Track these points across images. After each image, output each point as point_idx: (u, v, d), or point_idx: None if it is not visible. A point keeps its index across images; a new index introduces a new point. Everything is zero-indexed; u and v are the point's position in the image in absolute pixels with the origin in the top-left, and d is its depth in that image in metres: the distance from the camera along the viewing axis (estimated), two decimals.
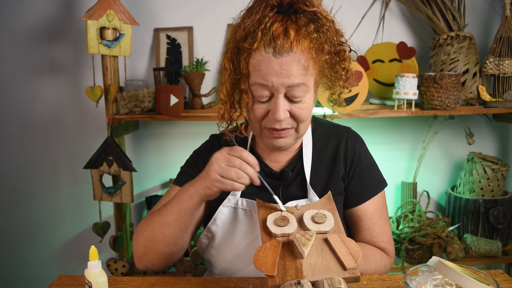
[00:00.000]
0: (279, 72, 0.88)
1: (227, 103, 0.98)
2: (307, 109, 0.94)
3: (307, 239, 0.81)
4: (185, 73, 1.86)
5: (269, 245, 0.83)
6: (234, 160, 0.87)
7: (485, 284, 0.76)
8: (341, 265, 0.78)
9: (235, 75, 0.94)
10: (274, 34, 0.87)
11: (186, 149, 1.25)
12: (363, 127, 2.01)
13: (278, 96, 0.91)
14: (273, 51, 0.87)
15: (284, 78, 0.88)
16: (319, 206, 0.92)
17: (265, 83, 0.90)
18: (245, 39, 0.90)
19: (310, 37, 0.89)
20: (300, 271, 0.77)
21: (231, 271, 1.05)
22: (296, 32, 0.88)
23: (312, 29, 0.89)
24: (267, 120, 0.95)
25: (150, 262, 1.01)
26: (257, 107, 0.94)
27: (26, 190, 2.13)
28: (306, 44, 0.89)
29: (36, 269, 2.18)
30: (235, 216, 1.05)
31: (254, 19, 0.89)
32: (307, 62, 0.89)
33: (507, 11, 1.84)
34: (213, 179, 0.88)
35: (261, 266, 0.77)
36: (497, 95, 1.88)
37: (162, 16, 1.99)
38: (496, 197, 1.93)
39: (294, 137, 1.00)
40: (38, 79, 2.04)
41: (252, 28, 0.89)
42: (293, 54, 0.88)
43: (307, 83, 0.91)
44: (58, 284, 0.98)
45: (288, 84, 0.89)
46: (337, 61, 0.95)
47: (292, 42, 0.87)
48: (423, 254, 1.85)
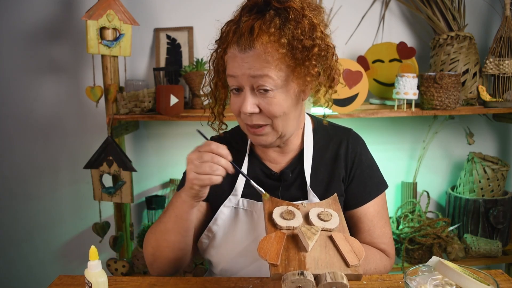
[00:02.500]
0: (242, 64, 0.93)
1: (213, 99, 1.06)
2: (278, 105, 0.94)
3: (312, 233, 0.81)
4: (185, 73, 1.86)
5: (274, 235, 0.83)
6: (205, 155, 0.89)
7: (485, 284, 0.76)
8: (344, 262, 0.78)
9: (215, 72, 1.03)
10: (241, 32, 0.92)
11: (186, 149, 1.25)
12: (363, 127, 2.01)
13: (245, 88, 0.95)
14: (238, 47, 0.93)
15: (245, 69, 0.93)
16: (325, 206, 0.92)
17: (232, 74, 0.95)
18: (222, 39, 0.98)
19: (269, 32, 0.91)
20: (303, 263, 0.77)
21: (231, 271, 1.05)
22: (259, 28, 0.91)
23: (275, 24, 0.91)
24: (242, 115, 0.98)
25: (160, 268, 1.04)
26: (232, 100, 0.99)
27: (26, 190, 2.13)
28: (265, 39, 0.91)
29: (36, 269, 2.18)
30: (236, 216, 1.05)
31: (233, 21, 0.96)
32: (268, 56, 0.91)
33: (507, 11, 1.84)
34: (191, 178, 0.90)
35: (265, 254, 0.78)
36: (497, 95, 1.88)
37: (162, 16, 1.98)
38: (496, 197, 1.93)
39: (274, 136, 0.99)
40: (38, 79, 2.04)
41: (228, 29, 0.96)
42: (254, 50, 0.91)
43: (271, 76, 0.92)
44: (58, 284, 0.98)
45: (249, 74, 0.92)
46: (305, 56, 0.92)
47: (254, 39, 0.91)
48: (423, 254, 1.86)
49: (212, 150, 0.89)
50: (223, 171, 0.90)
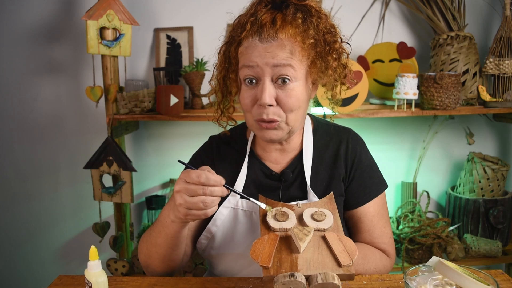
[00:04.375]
0: (264, 54, 0.91)
1: (220, 93, 1.03)
2: (296, 98, 0.94)
3: (304, 234, 0.81)
4: (185, 73, 1.86)
5: (267, 238, 0.83)
6: (195, 190, 0.82)
7: (485, 284, 0.76)
8: (337, 262, 0.78)
9: (225, 64, 0.98)
10: (262, 23, 0.91)
11: (186, 149, 1.25)
12: (363, 127, 2.01)
13: (265, 79, 0.92)
14: (259, 37, 0.91)
15: (268, 58, 0.91)
16: (320, 205, 0.92)
17: (250, 64, 0.92)
18: (236, 31, 0.95)
19: (296, 23, 0.91)
20: (295, 265, 0.77)
21: (231, 272, 1.05)
22: (282, 20, 0.90)
23: (299, 17, 0.92)
24: (255, 110, 0.95)
25: (154, 272, 1.04)
26: (244, 92, 0.96)
27: (26, 190, 2.13)
28: (292, 31, 0.91)
29: (36, 269, 2.18)
30: (235, 217, 1.05)
31: (248, 14, 0.94)
32: (293, 47, 0.91)
33: (507, 11, 1.84)
34: (183, 214, 0.85)
35: (256, 257, 0.78)
36: (497, 95, 1.88)
37: (162, 16, 1.99)
38: (496, 197, 1.93)
39: (285, 130, 0.98)
40: (38, 79, 2.04)
41: (244, 21, 0.94)
42: (279, 40, 0.90)
43: (294, 66, 0.92)
44: (58, 284, 0.98)
45: (273, 64, 0.91)
46: (327, 50, 0.95)
47: (277, 29, 0.90)
48: (423, 254, 1.86)
49: (201, 183, 0.82)
50: (216, 202, 0.84)
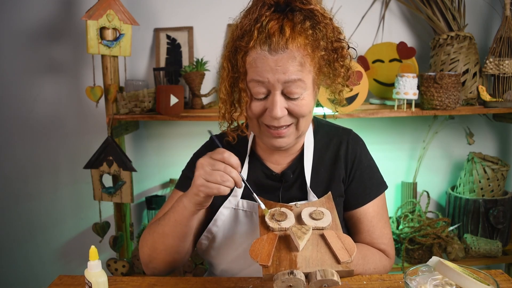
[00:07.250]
0: (275, 68, 0.88)
1: (227, 102, 0.99)
2: (306, 106, 0.94)
3: (303, 233, 0.82)
4: (185, 73, 1.86)
5: (266, 237, 0.84)
6: (218, 164, 0.86)
7: (485, 284, 0.76)
8: (335, 259, 0.78)
9: (233, 74, 0.95)
10: (269, 31, 0.88)
11: (186, 149, 1.25)
12: (363, 127, 2.01)
13: (275, 93, 0.91)
14: (268, 48, 0.88)
15: (279, 74, 0.88)
16: (318, 205, 0.93)
17: (261, 80, 0.90)
18: (242, 37, 0.91)
19: (306, 34, 0.89)
20: (294, 263, 0.78)
21: (231, 272, 1.05)
22: (292, 29, 0.88)
23: (307, 26, 0.89)
24: (264, 117, 0.95)
25: (156, 269, 1.03)
26: (254, 104, 0.94)
27: (26, 190, 2.13)
28: (302, 41, 0.89)
29: (36, 269, 2.18)
30: (236, 217, 1.05)
31: (251, 18, 0.90)
32: (303, 58, 0.89)
33: (507, 11, 1.84)
34: (198, 185, 0.87)
35: (256, 256, 0.79)
36: (497, 95, 1.88)
37: (162, 16, 1.98)
38: (496, 197, 1.93)
39: (294, 136, 0.99)
40: (38, 79, 2.04)
41: (249, 27, 0.90)
42: (289, 51, 0.88)
43: (304, 80, 0.91)
44: (58, 284, 0.98)
45: (284, 80, 0.89)
46: (335, 58, 0.95)
47: (287, 39, 0.87)
48: (423, 254, 1.85)
49: (224, 159, 0.86)
50: (232, 183, 0.87)
